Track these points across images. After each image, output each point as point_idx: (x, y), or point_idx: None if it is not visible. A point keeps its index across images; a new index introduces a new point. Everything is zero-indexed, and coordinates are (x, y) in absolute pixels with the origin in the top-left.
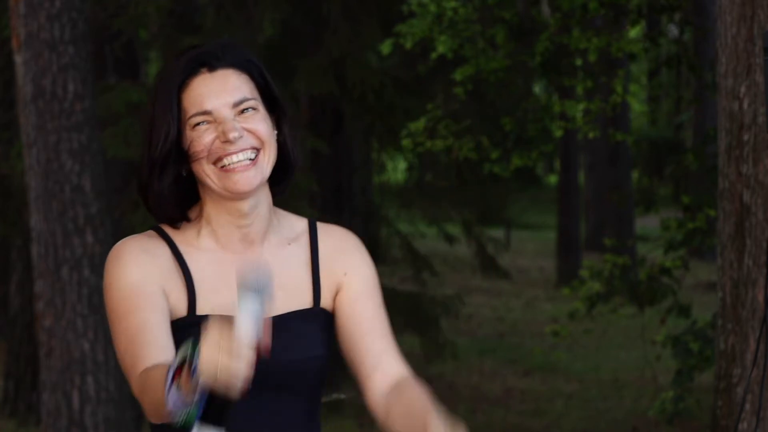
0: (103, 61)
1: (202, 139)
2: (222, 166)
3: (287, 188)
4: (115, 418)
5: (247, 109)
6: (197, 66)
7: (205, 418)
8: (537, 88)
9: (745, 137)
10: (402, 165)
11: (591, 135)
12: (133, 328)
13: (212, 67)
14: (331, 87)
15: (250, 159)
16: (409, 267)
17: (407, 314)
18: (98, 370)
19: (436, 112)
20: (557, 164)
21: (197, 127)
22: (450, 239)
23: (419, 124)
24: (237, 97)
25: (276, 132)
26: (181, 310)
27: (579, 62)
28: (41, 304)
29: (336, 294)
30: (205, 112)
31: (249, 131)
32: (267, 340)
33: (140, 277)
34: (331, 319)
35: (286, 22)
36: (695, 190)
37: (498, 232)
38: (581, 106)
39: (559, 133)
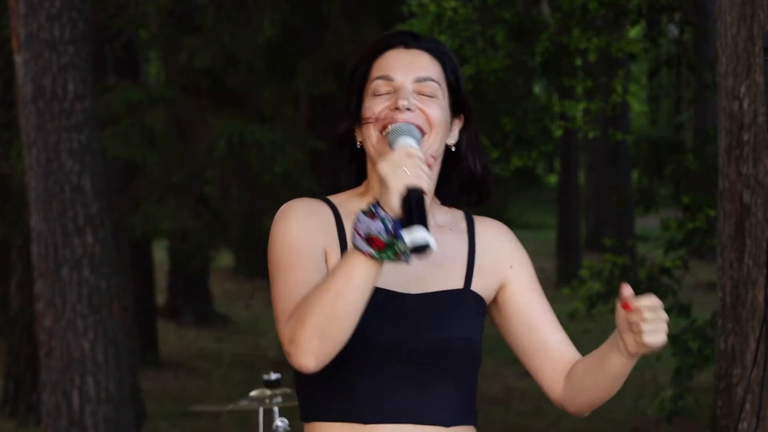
0: (103, 61)
1: (376, 106)
2: (386, 134)
3: (484, 199)
4: (115, 418)
5: (428, 93)
6: (396, 41)
7: (409, 222)
8: (537, 88)
9: (745, 137)
10: None
11: (591, 135)
12: (291, 282)
13: (409, 45)
14: (331, 87)
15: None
16: None
17: None
18: (98, 370)
19: None
20: (557, 164)
21: (376, 97)
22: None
23: None
24: (423, 74)
25: (456, 136)
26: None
27: (579, 62)
28: (41, 304)
29: (500, 286)
30: (387, 78)
31: (422, 111)
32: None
33: (305, 235)
34: (483, 305)
35: (286, 22)
36: (695, 190)
37: None
38: (581, 106)
39: (559, 133)
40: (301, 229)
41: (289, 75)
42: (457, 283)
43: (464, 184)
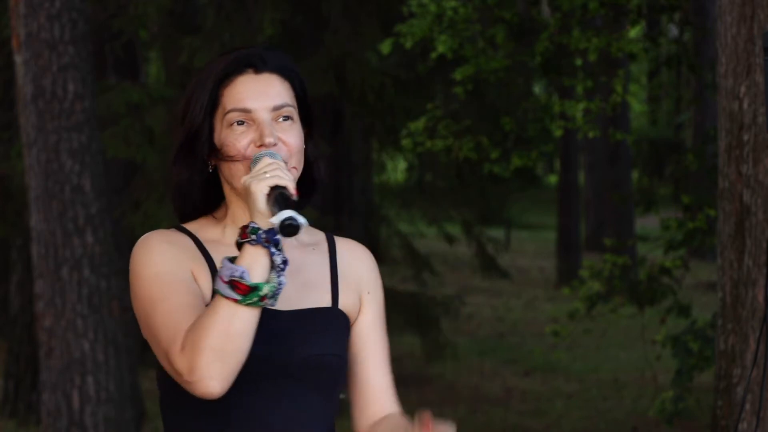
0: (103, 61)
1: (238, 141)
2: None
3: (308, 203)
4: (115, 418)
5: (285, 117)
6: (244, 65)
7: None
8: (537, 88)
9: (745, 137)
10: (402, 165)
11: (591, 135)
12: (171, 310)
13: (258, 69)
14: (331, 87)
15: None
16: (409, 267)
17: (407, 314)
18: (98, 370)
19: (436, 112)
20: (557, 164)
21: (234, 127)
22: (450, 239)
23: (419, 124)
24: (278, 101)
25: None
26: (208, 298)
27: (579, 62)
28: (41, 304)
29: (358, 309)
30: (245, 110)
31: (283, 142)
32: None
33: (171, 264)
34: (348, 323)
35: (286, 22)
36: (695, 190)
37: (498, 232)
38: (581, 106)
39: (559, 133)
40: (165, 259)
41: None
42: (325, 301)
43: (307, 189)
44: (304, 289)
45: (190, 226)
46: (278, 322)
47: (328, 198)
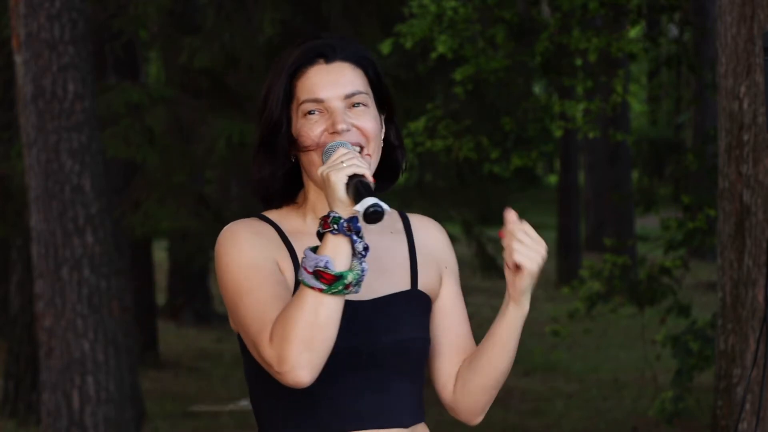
0: (103, 61)
1: (312, 130)
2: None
3: (391, 187)
4: (115, 418)
5: (358, 104)
6: (314, 56)
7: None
8: (537, 88)
9: (745, 137)
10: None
11: (591, 135)
12: (260, 302)
13: (329, 59)
14: None
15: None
16: None
17: None
18: (98, 370)
19: (436, 112)
20: (557, 164)
21: (308, 117)
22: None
23: (419, 124)
24: (350, 89)
25: (383, 130)
26: (291, 288)
27: (579, 62)
28: (41, 304)
29: (440, 282)
30: (317, 100)
31: (357, 127)
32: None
33: (258, 255)
34: (429, 302)
35: (286, 22)
36: (695, 190)
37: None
38: (581, 106)
39: (559, 133)
40: (252, 249)
41: None
42: (404, 285)
43: (390, 174)
44: (383, 275)
45: (272, 215)
46: (360, 312)
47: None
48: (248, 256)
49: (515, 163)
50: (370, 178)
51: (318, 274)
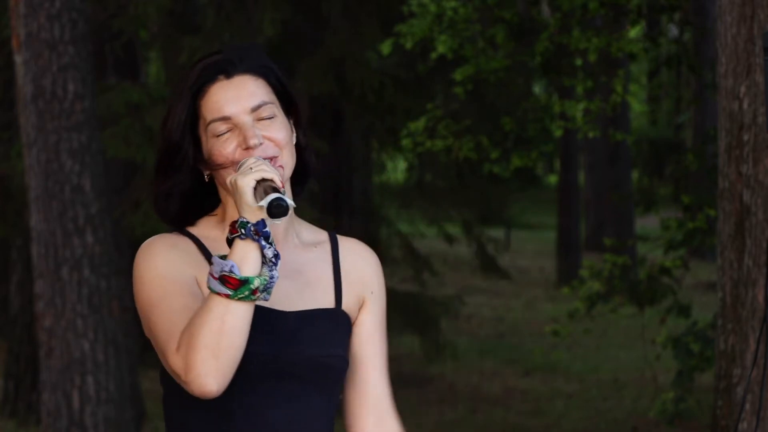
0: (103, 61)
1: (224, 149)
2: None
3: (302, 192)
4: (115, 418)
5: (265, 116)
6: (214, 73)
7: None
8: (537, 88)
9: (745, 137)
10: (402, 165)
11: (591, 135)
12: (170, 311)
13: (229, 74)
14: (331, 87)
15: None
16: (409, 267)
17: (407, 314)
18: (98, 370)
19: (436, 112)
20: (557, 164)
21: (219, 137)
22: (450, 239)
23: (419, 124)
24: (255, 101)
25: (294, 135)
26: None
27: (579, 62)
28: (41, 304)
29: (360, 307)
30: (224, 118)
31: (269, 139)
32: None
33: (172, 268)
34: (350, 325)
35: (286, 22)
36: (695, 190)
37: (498, 232)
38: (581, 106)
39: (559, 133)
40: (165, 262)
41: (289, 75)
42: (329, 302)
43: (300, 177)
44: (307, 289)
45: (192, 229)
46: (285, 322)
47: (328, 198)
48: (161, 267)
49: (515, 163)
50: (278, 183)
51: (224, 280)
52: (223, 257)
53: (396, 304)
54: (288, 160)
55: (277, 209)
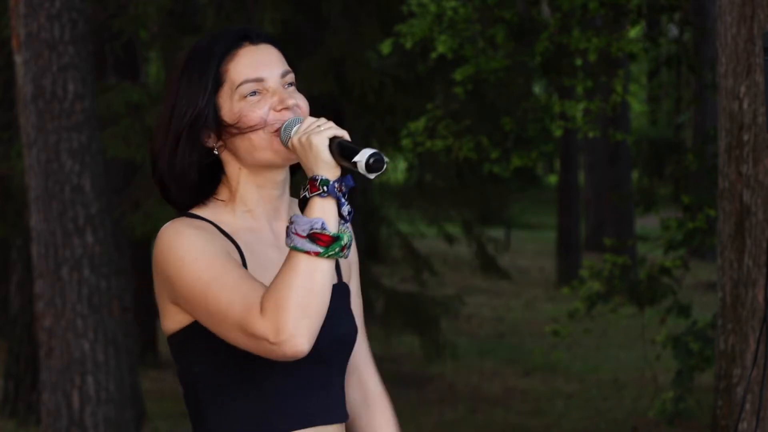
0: (103, 61)
1: (256, 110)
2: (280, 133)
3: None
4: (115, 418)
5: (290, 83)
6: (238, 39)
7: (352, 154)
8: (537, 88)
9: (745, 137)
10: (402, 165)
11: (591, 135)
12: (233, 284)
13: (253, 41)
14: (331, 87)
15: None
16: (409, 267)
17: (407, 314)
18: (98, 370)
19: (436, 112)
20: (557, 164)
21: (248, 98)
22: (450, 239)
23: (419, 124)
24: (283, 68)
25: None
26: None
27: (579, 62)
28: (41, 304)
29: (350, 274)
30: (258, 80)
31: (297, 105)
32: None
33: (211, 245)
34: (350, 295)
35: (286, 22)
36: (695, 190)
37: (498, 232)
38: (581, 106)
39: (559, 133)
40: (204, 242)
41: None
42: (333, 278)
43: None
44: None
45: (202, 212)
46: None
47: None
48: (201, 246)
49: (515, 163)
50: (348, 138)
51: (314, 237)
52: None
53: (396, 304)
54: None
55: (377, 164)
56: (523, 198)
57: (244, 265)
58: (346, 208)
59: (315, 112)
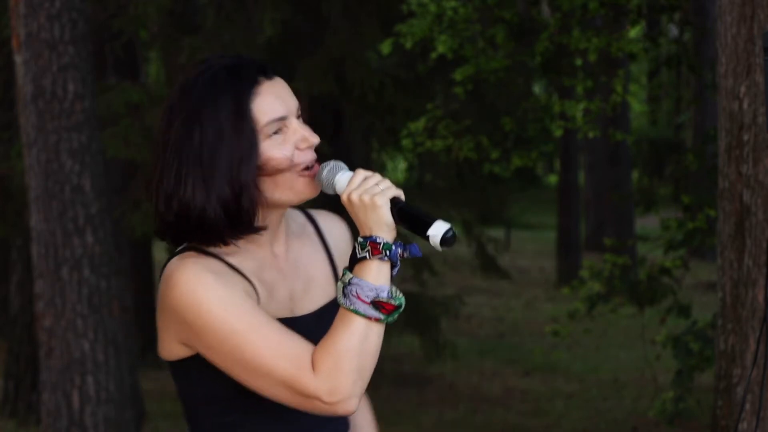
0: (103, 61)
1: (283, 150)
2: (318, 175)
3: None
4: (115, 418)
5: (299, 116)
6: (254, 74)
7: (420, 222)
8: (537, 88)
9: (745, 137)
10: (402, 165)
11: (591, 135)
12: (272, 337)
13: (267, 74)
14: (331, 87)
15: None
16: (409, 267)
17: (407, 314)
18: (98, 370)
19: (436, 112)
20: (557, 164)
21: (272, 138)
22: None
23: (419, 124)
24: (296, 104)
25: None
26: None
27: (579, 62)
28: (41, 304)
29: None
30: (281, 118)
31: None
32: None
33: (236, 293)
34: None
35: (286, 22)
36: (695, 190)
37: (498, 232)
38: (581, 106)
39: (559, 133)
40: (228, 290)
41: (289, 75)
42: (332, 292)
43: None
44: (311, 284)
45: (203, 246)
46: (304, 327)
47: (328, 198)
48: (228, 298)
49: (515, 163)
50: (403, 199)
51: (378, 305)
52: (347, 275)
53: None
54: None
55: (449, 240)
56: (523, 198)
57: (254, 290)
58: (396, 270)
59: (315, 112)
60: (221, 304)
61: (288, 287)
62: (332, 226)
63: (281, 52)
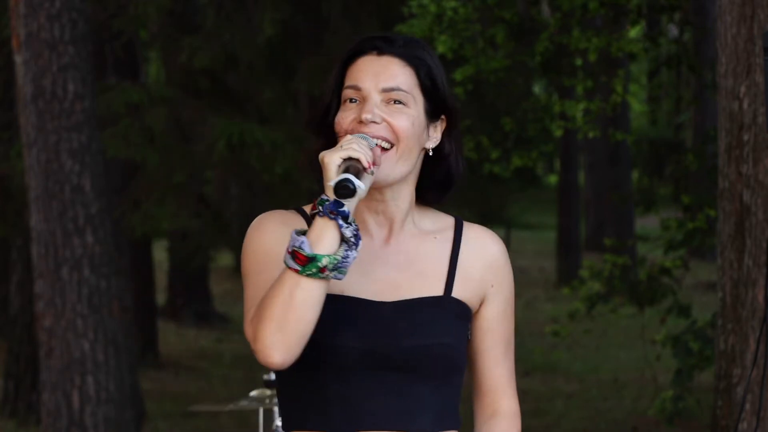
0: (103, 61)
1: (344, 117)
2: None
3: (443, 198)
4: (115, 418)
5: (397, 101)
6: (368, 47)
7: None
8: (537, 88)
9: (745, 137)
10: None
11: (591, 135)
12: (259, 285)
13: (381, 51)
14: None
15: (383, 148)
16: None
17: None
18: (98, 370)
19: None
20: (557, 164)
21: (347, 104)
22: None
23: None
24: (390, 83)
25: (433, 139)
26: None
27: (579, 62)
28: (41, 304)
29: (482, 298)
30: (356, 88)
31: (387, 122)
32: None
33: (276, 243)
34: (466, 310)
35: (286, 22)
36: (695, 190)
37: (498, 232)
38: (581, 106)
39: (559, 133)
40: (273, 238)
41: (289, 75)
42: (437, 290)
43: (443, 184)
44: (417, 278)
45: (308, 208)
46: (380, 313)
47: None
48: (264, 242)
49: (515, 163)
50: (364, 163)
51: (294, 255)
52: (303, 232)
53: None
54: (407, 154)
55: (343, 190)
56: (523, 198)
57: None
58: (348, 231)
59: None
60: (253, 246)
61: (385, 274)
62: (481, 238)
63: (281, 52)
